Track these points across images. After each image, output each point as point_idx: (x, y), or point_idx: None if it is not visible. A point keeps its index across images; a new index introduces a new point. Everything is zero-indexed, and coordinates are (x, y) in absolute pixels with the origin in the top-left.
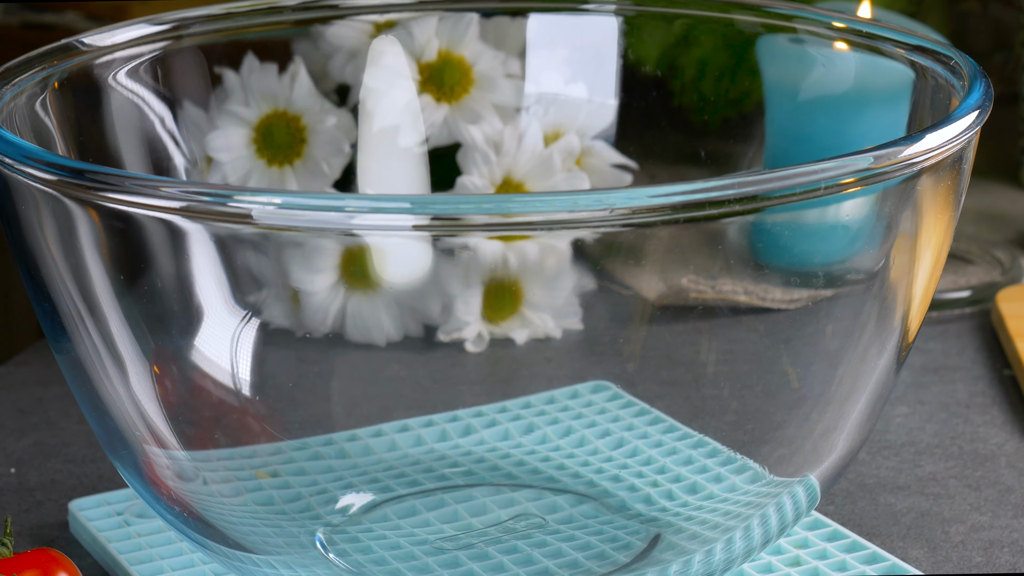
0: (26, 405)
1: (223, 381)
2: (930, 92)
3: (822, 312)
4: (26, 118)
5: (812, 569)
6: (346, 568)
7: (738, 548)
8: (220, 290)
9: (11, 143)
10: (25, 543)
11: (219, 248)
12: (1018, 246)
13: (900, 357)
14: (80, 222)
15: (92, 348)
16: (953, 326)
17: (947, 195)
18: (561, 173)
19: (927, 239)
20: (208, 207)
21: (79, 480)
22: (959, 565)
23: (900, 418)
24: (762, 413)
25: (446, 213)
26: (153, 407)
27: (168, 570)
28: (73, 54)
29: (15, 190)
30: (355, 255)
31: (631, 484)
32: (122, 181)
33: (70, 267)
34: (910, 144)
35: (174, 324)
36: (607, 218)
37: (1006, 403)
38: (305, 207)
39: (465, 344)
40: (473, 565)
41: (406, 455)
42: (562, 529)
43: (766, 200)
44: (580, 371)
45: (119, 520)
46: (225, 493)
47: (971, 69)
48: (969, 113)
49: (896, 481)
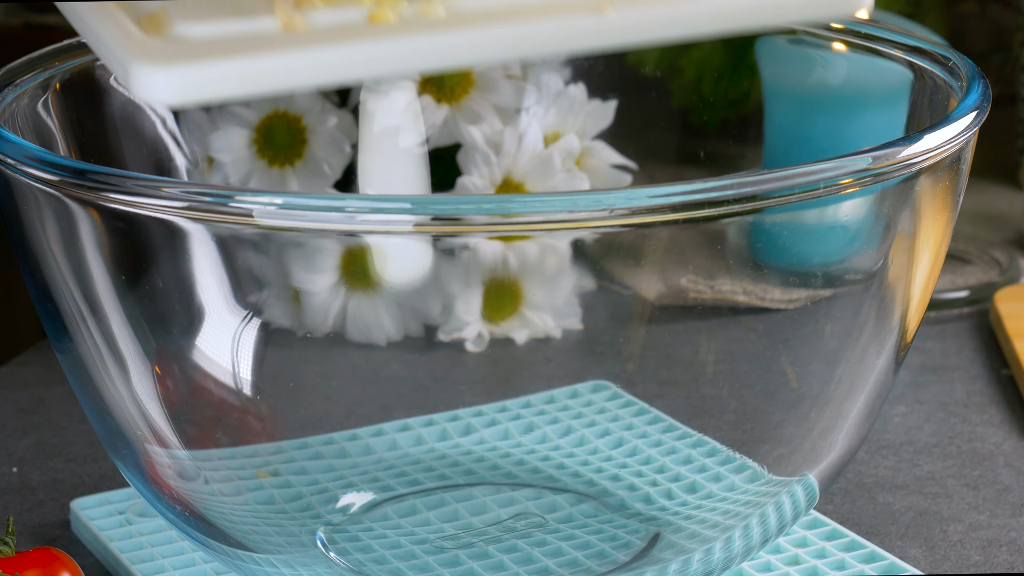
0: (28, 405)
1: (224, 381)
2: (928, 93)
3: (821, 312)
4: (28, 119)
5: (811, 568)
6: (347, 567)
7: (737, 547)
8: (221, 290)
9: (13, 144)
10: (27, 542)
11: (220, 248)
12: (1016, 246)
13: (899, 357)
14: (82, 222)
15: (94, 348)
16: (951, 326)
17: (945, 195)
18: (561, 174)
19: (925, 239)
20: (209, 207)
21: (81, 479)
22: (957, 564)
23: (898, 417)
24: (761, 412)
25: (446, 213)
26: (154, 406)
27: (169, 569)
28: (75, 55)
29: (17, 190)
30: (356, 255)
31: (630, 483)
32: (123, 181)
33: (72, 267)
34: (908, 145)
35: (175, 324)
36: (607, 218)
37: (1004, 402)
38: (306, 207)
39: (465, 344)
40: (473, 564)
41: (406, 454)
42: (562, 528)
43: (765, 200)
44: (580, 371)
45: (121, 519)
46: (226, 492)
47: (969, 70)
48: (967, 114)
49: (894, 480)
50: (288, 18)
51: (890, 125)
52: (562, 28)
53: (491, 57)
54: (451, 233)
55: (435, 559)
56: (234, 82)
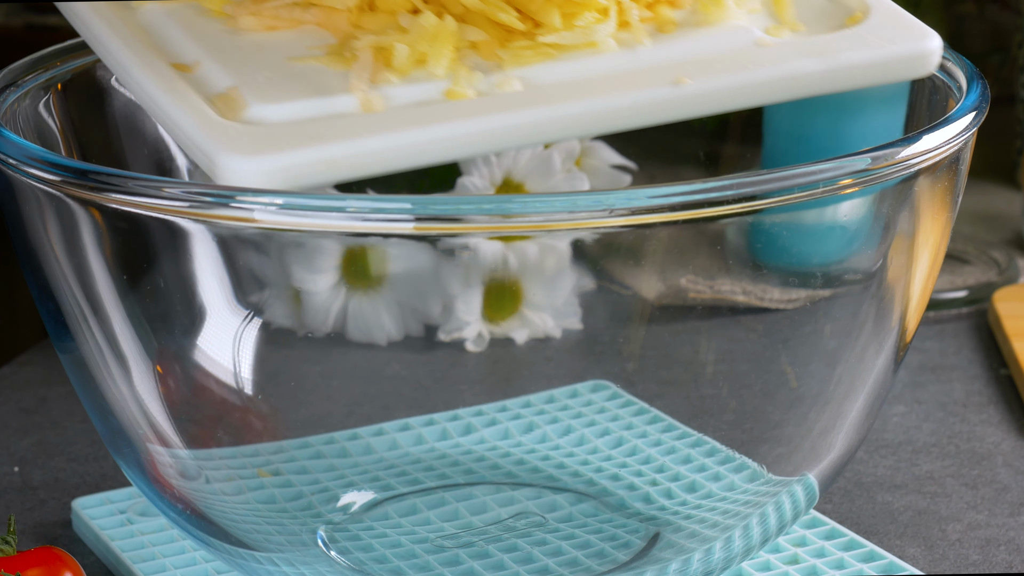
0: (30, 404)
1: (225, 380)
2: (927, 94)
3: (820, 312)
4: (30, 119)
5: (810, 567)
6: (348, 565)
7: (737, 547)
8: (222, 290)
9: (15, 144)
10: (29, 541)
11: (221, 248)
12: (1014, 246)
13: (898, 357)
14: (83, 222)
15: (95, 347)
16: (950, 326)
17: (944, 196)
18: (561, 174)
19: (924, 239)
20: (210, 207)
21: (82, 479)
22: (956, 563)
23: (897, 417)
24: (761, 412)
25: (446, 214)
26: (156, 406)
27: (171, 568)
28: (76, 56)
29: (19, 191)
30: (356, 255)
31: (630, 483)
32: (125, 182)
33: (73, 267)
34: (907, 145)
35: (177, 324)
36: (607, 218)
37: (1003, 402)
38: (307, 208)
39: (465, 344)
40: (474, 563)
41: (407, 454)
42: (561, 527)
43: (764, 200)
44: (579, 370)
45: (122, 518)
46: (227, 491)
47: (968, 71)
48: (966, 115)
49: (893, 480)
50: (366, 97)
51: (889, 126)
52: (641, 101)
53: (571, 133)
54: (451, 233)
55: (435, 558)
56: (320, 168)
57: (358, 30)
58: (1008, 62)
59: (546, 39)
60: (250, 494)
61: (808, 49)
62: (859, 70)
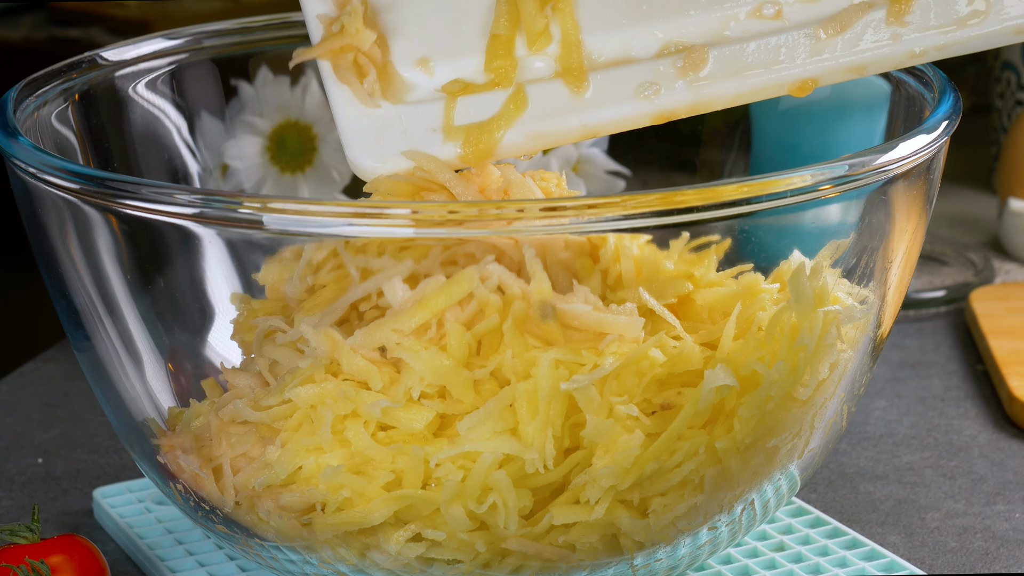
0: (53, 399)
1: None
2: (904, 104)
3: None
4: (48, 128)
5: (795, 554)
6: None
7: (723, 532)
8: (232, 291)
9: (35, 153)
10: (52, 529)
11: (231, 252)
12: (991, 248)
13: (874, 353)
14: (99, 228)
15: (110, 346)
16: (929, 324)
17: (918, 199)
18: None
19: (899, 240)
20: (221, 213)
21: (103, 469)
22: (934, 550)
23: (879, 411)
24: None
25: (448, 218)
26: (169, 402)
27: (187, 554)
28: (94, 67)
29: (38, 197)
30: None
31: None
32: (139, 189)
33: (90, 269)
34: (883, 153)
35: (189, 323)
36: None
37: (979, 397)
38: (314, 213)
39: None
40: None
41: None
42: None
43: (748, 206)
44: None
45: (141, 507)
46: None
47: (941, 82)
48: (939, 124)
49: (875, 471)
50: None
51: (871, 133)
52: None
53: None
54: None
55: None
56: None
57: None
58: (985, 73)
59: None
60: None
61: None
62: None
